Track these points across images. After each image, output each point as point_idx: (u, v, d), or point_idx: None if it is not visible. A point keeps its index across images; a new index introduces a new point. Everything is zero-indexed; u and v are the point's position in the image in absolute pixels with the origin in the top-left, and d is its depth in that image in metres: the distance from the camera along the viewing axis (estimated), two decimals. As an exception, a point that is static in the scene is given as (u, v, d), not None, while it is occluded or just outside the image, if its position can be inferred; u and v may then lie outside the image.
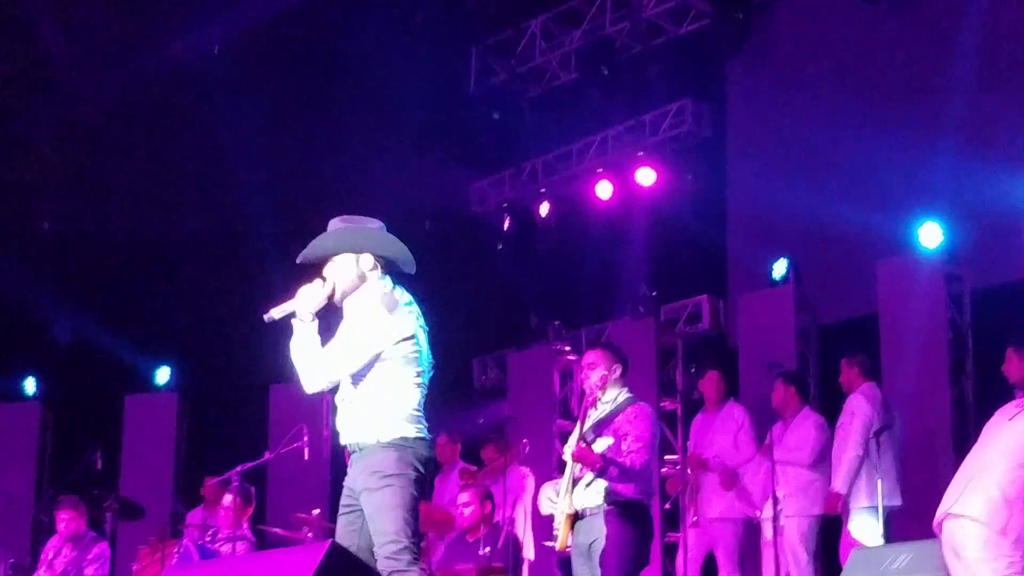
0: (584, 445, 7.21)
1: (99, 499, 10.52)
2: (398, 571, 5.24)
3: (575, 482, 7.29)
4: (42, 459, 13.56)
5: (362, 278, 5.83)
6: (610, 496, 7.12)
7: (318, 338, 5.70)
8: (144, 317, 14.06)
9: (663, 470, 10.36)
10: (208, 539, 9.78)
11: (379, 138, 13.18)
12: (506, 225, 13.68)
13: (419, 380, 5.77)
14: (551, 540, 7.86)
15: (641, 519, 7.23)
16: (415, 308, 5.87)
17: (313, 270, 5.79)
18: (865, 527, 9.07)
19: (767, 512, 9.21)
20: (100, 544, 10.46)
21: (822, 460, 9.23)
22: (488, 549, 8.59)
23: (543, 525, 9.39)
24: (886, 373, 9.69)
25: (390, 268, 5.87)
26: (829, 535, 9.34)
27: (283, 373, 13.14)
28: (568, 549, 7.42)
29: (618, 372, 7.44)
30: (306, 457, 9.72)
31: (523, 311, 13.30)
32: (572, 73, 13.46)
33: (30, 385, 13.84)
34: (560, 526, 7.29)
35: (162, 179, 14.37)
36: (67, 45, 13.03)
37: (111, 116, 13.91)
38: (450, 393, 13.05)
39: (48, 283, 13.80)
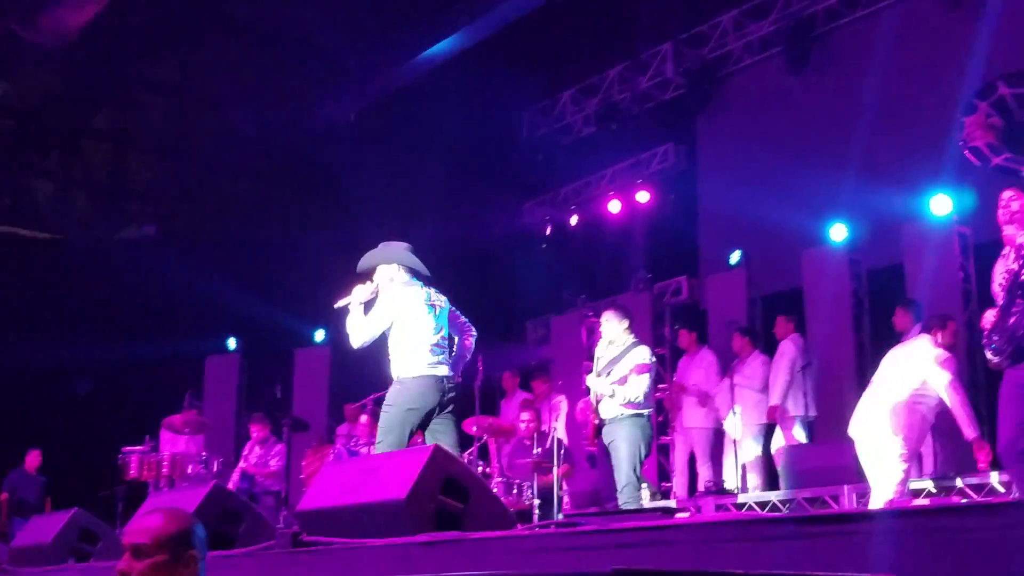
0: (598, 381, 7.26)
1: (279, 418, 10.58)
2: None
3: (598, 402, 7.29)
4: (240, 393, 13.64)
5: (392, 280, 6.19)
6: (622, 410, 7.13)
7: (363, 317, 6.15)
8: (305, 297, 14.10)
9: (656, 394, 10.34)
10: (352, 444, 9.82)
11: (462, 175, 13.14)
12: (548, 231, 13.73)
13: (422, 337, 6.10)
14: (585, 441, 7.89)
15: (644, 426, 7.22)
16: (425, 293, 6.23)
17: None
18: (797, 432, 9.08)
19: (729, 422, 9.19)
20: (279, 445, 10.50)
21: (766, 386, 9.22)
22: (539, 450, 8.57)
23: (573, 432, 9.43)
24: (809, 327, 9.64)
25: (415, 274, 6.27)
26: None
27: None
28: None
29: (625, 324, 7.44)
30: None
31: (559, 288, 13.28)
32: (592, 127, 13.44)
33: (231, 343, 13.93)
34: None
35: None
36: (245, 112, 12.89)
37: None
38: (512, 344, 13.10)
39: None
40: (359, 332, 6.16)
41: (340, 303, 6.29)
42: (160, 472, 9.81)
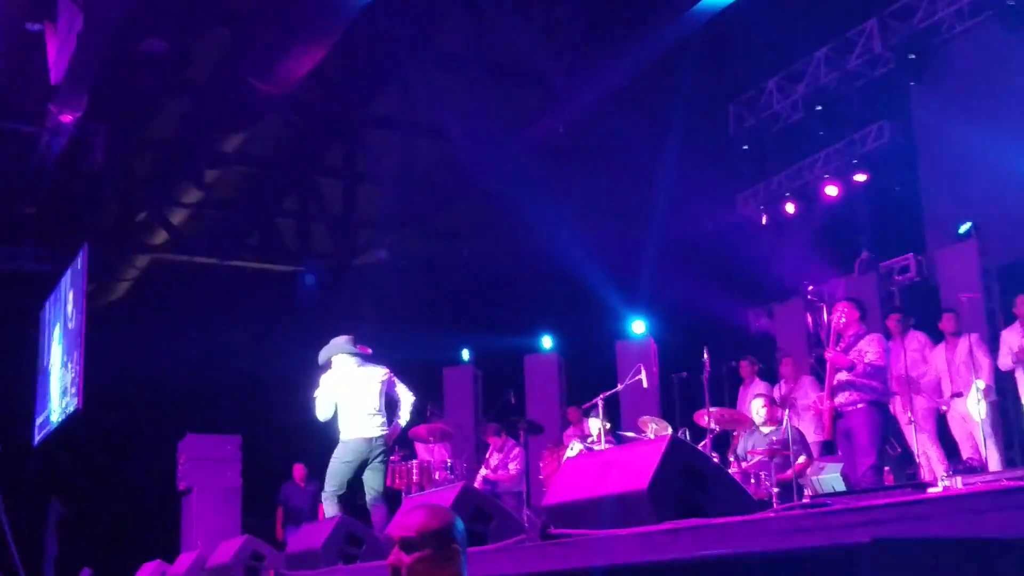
0: (838, 353, 7.04)
1: (515, 422, 10.82)
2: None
3: (832, 389, 7.08)
4: (476, 401, 14.01)
5: (342, 365, 7.77)
6: (861, 393, 6.89)
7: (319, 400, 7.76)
8: (530, 306, 14.32)
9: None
10: (587, 443, 9.90)
11: (675, 174, 12.98)
12: (764, 220, 13.36)
13: (357, 407, 7.72)
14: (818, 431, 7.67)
15: (883, 411, 6.97)
16: (364, 371, 7.83)
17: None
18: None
19: (971, 400, 8.68)
20: (517, 448, 10.72)
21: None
22: (775, 438, 8.36)
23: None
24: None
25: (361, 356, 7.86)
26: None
27: (624, 332, 13.18)
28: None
29: (856, 315, 7.29)
30: (644, 385, 9.71)
31: (780, 276, 12.91)
32: (800, 113, 13.00)
33: (466, 354, 14.34)
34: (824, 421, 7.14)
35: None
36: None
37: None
38: (736, 334, 12.85)
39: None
40: (319, 410, 7.76)
41: (315, 392, 7.86)
42: (411, 480, 10.21)
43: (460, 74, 13.03)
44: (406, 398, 8.08)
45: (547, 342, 14.18)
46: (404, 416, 8.08)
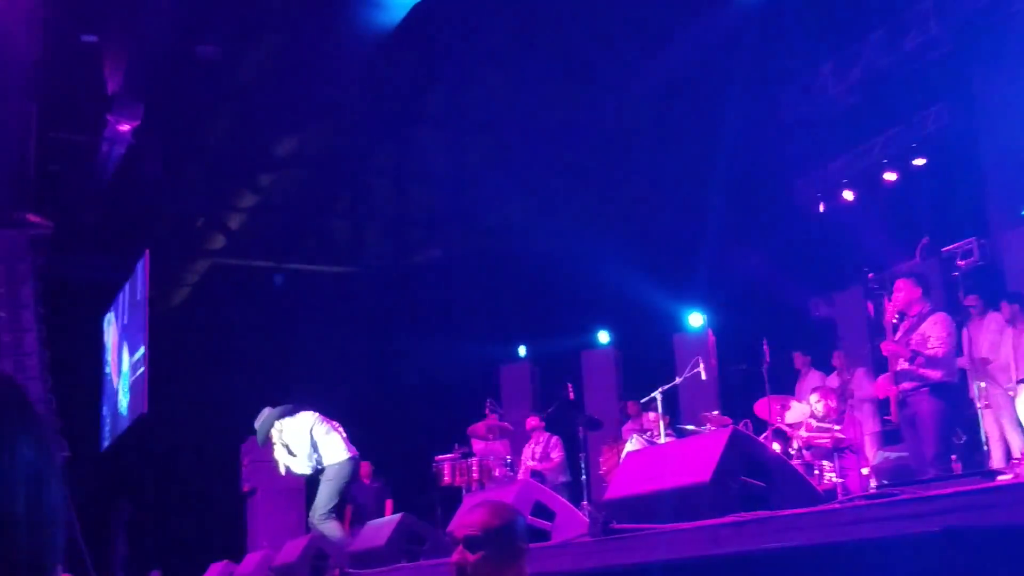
0: (896, 345, 6.88)
1: (573, 417, 10.81)
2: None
3: (896, 375, 6.95)
4: (534, 397, 14.02)
5: (280, 431, 8.45)
6: (923, 381, 6.76)
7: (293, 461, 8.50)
8: (585, 302, 14.30)
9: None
10: (648, 437, 9.86)
11: (729, 162, 12.85)
12: (821, 208, 13.19)
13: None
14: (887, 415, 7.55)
15: (949, 396, 6.82)
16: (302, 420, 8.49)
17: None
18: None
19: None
20: (555, 437, 10.78)
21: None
22: (837, 428, 8.27)
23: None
24: None
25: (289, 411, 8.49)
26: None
27: (681, 325, 13.11)
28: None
29: (918, 293, 7.08)
30: (703, 377, 9.66)
31: (839, 264, 12.73)
32: (856, 97, 12.78)
33: (522, 351, 14.36)
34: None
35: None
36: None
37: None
38: (796, 322, 12.70)
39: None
40: (302, 467, 8.45)
41: (281, 469, 8.72)
42: (471, 477, 10.25)
43: (508, 67, 13.02)
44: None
45: (604, 337, 14.15)
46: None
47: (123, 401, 13.90)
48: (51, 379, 11.70)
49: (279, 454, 8.56)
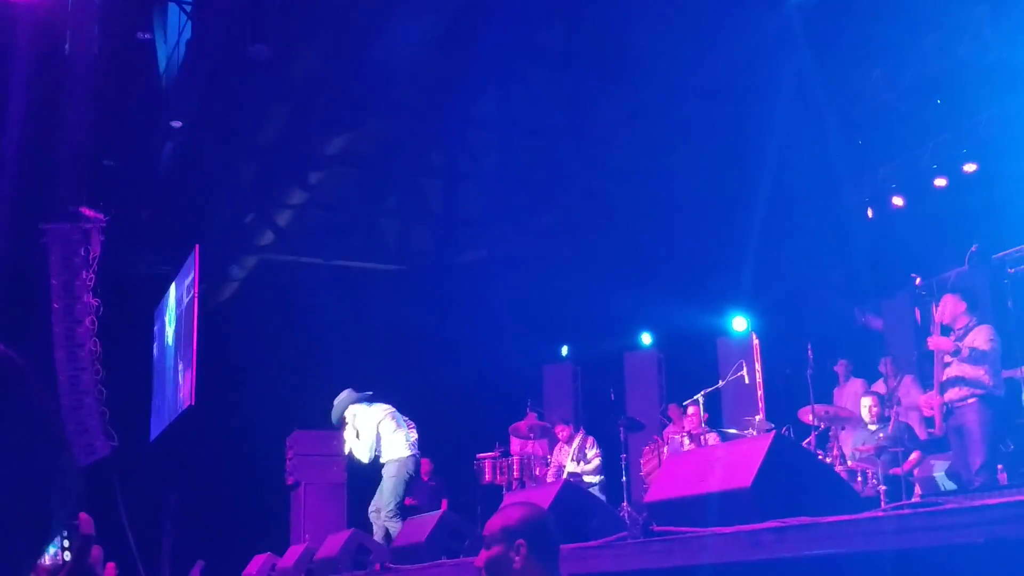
0: (941, 338, 6.84)
1: (613, 419, 10.80)
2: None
3: (941, 385, 6.88)
4: (576, 397, 14.01)
5: (355, 415, 8.89)
6: (971, 386, 6.67)
7: (360, 444, 8.89)
8: (629, 303, 14.26)
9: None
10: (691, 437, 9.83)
11: (782, 162, 12.72)
12: (869, 213, 13.03)
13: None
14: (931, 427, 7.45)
15: (996, 406, 6.73)
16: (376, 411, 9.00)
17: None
18: None
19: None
20: (590, 437, 10.74)
21: None
22: (883, 435, 8.17)
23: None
24: None
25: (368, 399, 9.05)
26: None
27: (725, 329, 13.01)
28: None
29: (963, 308, 7.05)
30: (746, 381, 9.59)
31: (887, 270, 12.57)
32: (907, 102, 12.59)
33: (564, 351, 14.35)
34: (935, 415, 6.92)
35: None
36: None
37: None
38: (840, 329, 12.56)
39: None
40: (363, 455, 8.80)
41: (345, 450, 9.12)
42: (512, 475, 10.27)
43: (557, 68, 13.02)
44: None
45: (646, 339, 14.09)
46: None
47: (171, 394, 14.10)
48: (102, 370, 11.89)
49: (348, 434, 8.95)
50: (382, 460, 8.74)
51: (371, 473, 13.30)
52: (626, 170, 14.12)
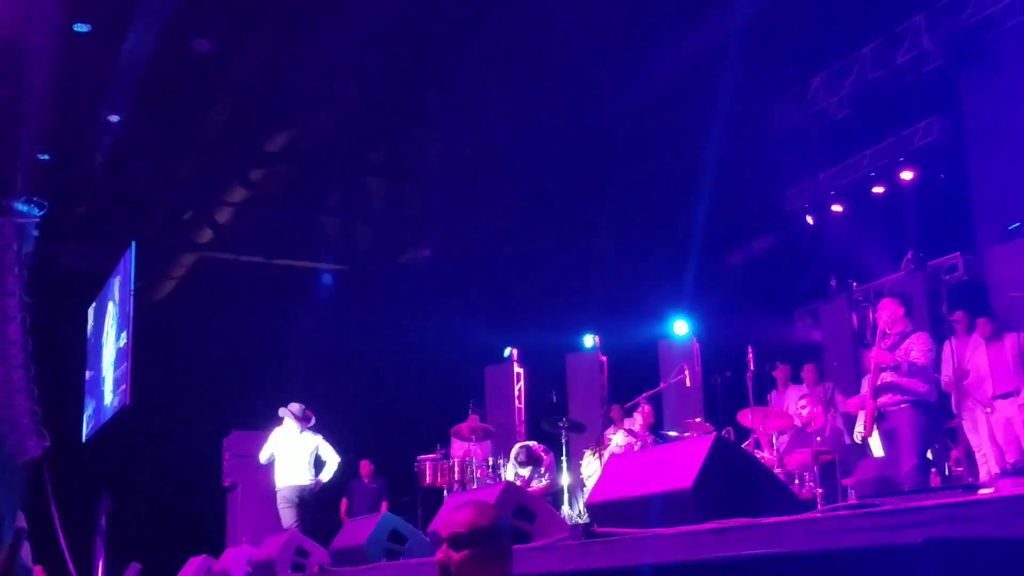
0: (882, 352, 6.93)
1: (555, 421, 10.81)
2: None
3: (875, 390, 6.99)
4: (519, 398, 13.99)
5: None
6: (905, 394, 6.78)
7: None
8: (573, 304, 14.32)
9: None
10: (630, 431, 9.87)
11: (719, 171, 12.85)
12: (809, 220, 13.24)
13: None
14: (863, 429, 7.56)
15: (929, 411, 6.86)
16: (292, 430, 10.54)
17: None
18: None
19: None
20: (546, 456, 10.71)
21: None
22: (819, 439, 8.29)
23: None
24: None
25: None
26: None
27: (666, 332, 13.09)
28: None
29: (901, 312, 7.17)
30: (688, 384, 9.68)
31: (825, 275, 12.76)
32: (846, 110, 12.84)
33: (507, 352, 14.32)
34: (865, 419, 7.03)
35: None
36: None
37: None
38: (778, 335, 12.73)
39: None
40: (262, 455, 10.74)
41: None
42: (452, 477, 10.24)
43: (504, 71, 13.03)
44: (332, 460, 10.55)
45: (589, 341, 14.15)
46: (327, 475, 10.67)
47: (106, 393, 13.84)
48: (35, 369, 11.63)
49: (269, 443, 10.41)
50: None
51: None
52: (570, 172, 14.18)
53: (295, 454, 10.47)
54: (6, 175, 11.86)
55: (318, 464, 10.61)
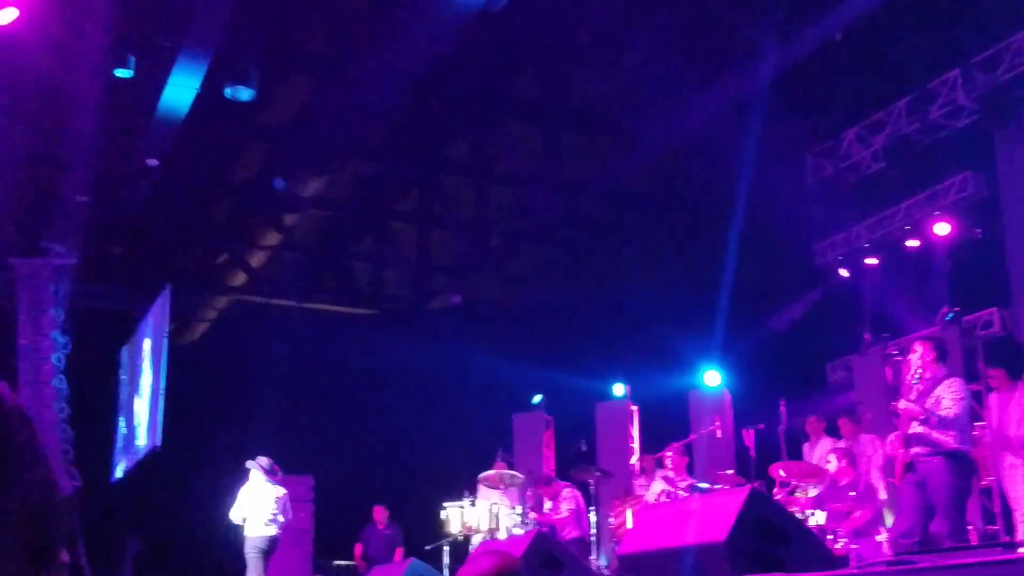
0: (910, 404, 6.78)
1: (586, 470, 10.74)
2: None
3: (906, 439, 6.84)
4: (548, 446, 13.92)
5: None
6: (935, 447, 6.65)
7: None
8: (603, 353, 14.28)
9: (975, 432, 9.59)
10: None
11: (750, 224, 12.84)
12: (843, 273, 13.18)
13: None
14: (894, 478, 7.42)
15: (962, 466, 6.71)
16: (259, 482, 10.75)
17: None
18: None
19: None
20: (570, 487, 10.65)
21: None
22: (853, 493, 8.20)
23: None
24: None
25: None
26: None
27: (697, 383, 13.03)
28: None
29: (933, 356, 6.98)
30: (719, 435, 9.61)
31: (859, 328, 12.67)
32: (880, 163, 12.81)
33: (536, 399, 14.28)
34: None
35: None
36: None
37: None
38: (811, 387, 12.63)
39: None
40: (233, 515, 10.79)
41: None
42: (479, 525, 10.19)
43: (534, 122, 13.16)
44: (286, 515, 10.85)
45: (619, 389, 14.09)
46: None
47: (138, 434, 13.91)
48: (68, 408, 11.74)
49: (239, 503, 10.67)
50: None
51: (337, 520, 13.19)
52: (601, 222, 14.24)
53: (265, 505, 10.58)
54: (43, 217, 12.06)
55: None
